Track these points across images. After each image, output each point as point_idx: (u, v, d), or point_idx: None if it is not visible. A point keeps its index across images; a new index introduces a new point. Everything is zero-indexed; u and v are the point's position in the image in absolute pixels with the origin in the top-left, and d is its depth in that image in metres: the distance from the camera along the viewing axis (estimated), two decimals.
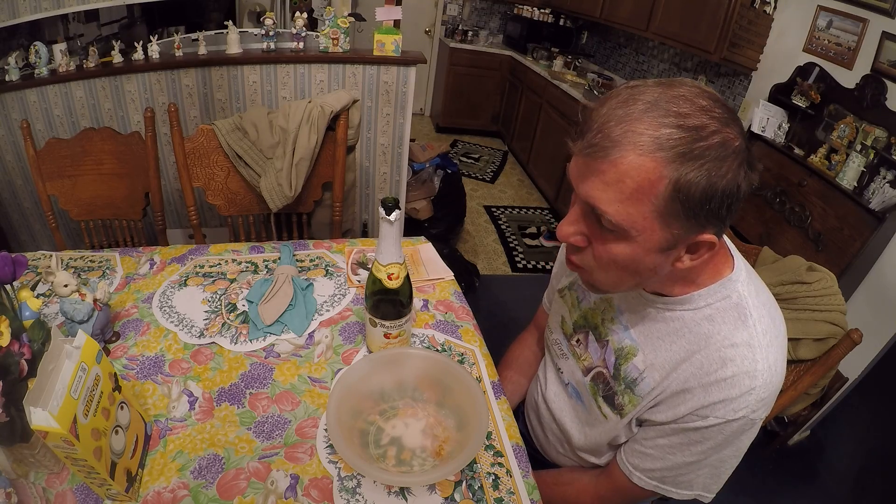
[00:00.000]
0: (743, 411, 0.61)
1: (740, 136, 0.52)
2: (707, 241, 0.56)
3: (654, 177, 0.51)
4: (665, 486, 0.71)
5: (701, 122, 0.50)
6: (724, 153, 0.50)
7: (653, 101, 0.51)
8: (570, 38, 4.18)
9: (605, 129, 0.52)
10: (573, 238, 0.61)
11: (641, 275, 0.61)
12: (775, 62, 2.23)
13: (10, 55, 1.88)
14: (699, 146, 0.50)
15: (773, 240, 1.98)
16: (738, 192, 0.52)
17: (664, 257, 0.58)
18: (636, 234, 0.55)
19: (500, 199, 3.64)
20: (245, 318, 0.98)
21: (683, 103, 0.51)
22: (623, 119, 0.51)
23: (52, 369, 0.58)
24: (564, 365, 0.87)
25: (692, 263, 0.59)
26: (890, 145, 1.69)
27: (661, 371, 0.68)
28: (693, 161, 0.50)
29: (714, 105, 0.52)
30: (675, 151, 0.50)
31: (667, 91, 0.52)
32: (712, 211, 0.52)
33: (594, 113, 0.54)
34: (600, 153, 0.52)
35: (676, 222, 0.53)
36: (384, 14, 2.08)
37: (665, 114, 0.50)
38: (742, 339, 0.62)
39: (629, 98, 0.53)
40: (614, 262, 0.59)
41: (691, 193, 0.51)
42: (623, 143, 0.51)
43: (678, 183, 0.50)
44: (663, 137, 0.50)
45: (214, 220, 2.43)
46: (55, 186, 1.42)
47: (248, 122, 1.49)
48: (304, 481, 0.70)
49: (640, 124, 0.51)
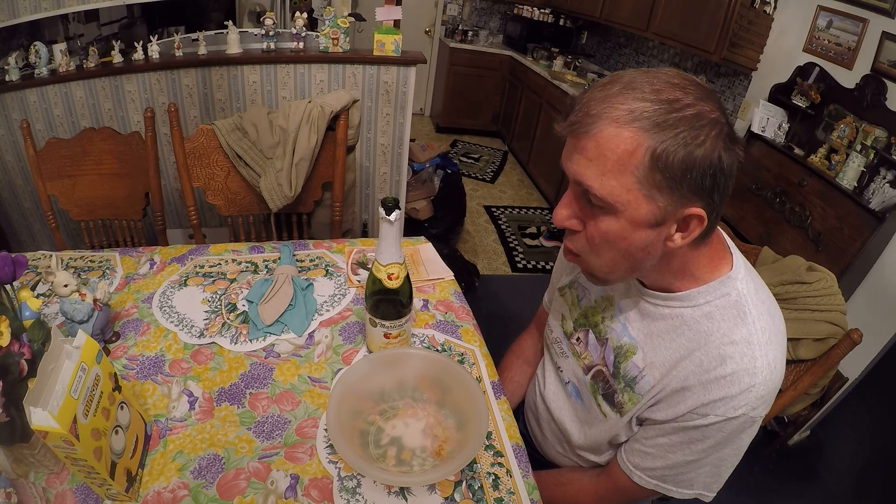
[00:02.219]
0: (743, 409, 0.61)
1: (718, 111, 0.55)
2: (695, 214, 0.56)
3: (632, 146, 0.54)
4: (665, 486, 0.71)
5: (675, 97, 0.53)
6: (699, 122, 0.53)
7: (629, 81, 0.56)
8: (570, 38, 4.18)
9: (585, 107, 0.56)
10: (568, 221, 0.63)
11: (634, 256, 0.61)
12: (775, 62, 2.23)
13: (10, 55, 1.88)
14: (673, 116, 0.53)
15: (773, 240, 1.98)
16: (719, 164, 0.54)
17: (654, 234, 0.58)
18: (622, 207, 0.57)
19: (500, 199, 3.64)
20: (245, 318, 0.98)
21: (658, 82, 0.55)
22: (602, 99, 0.56)
23: (52, 369, 0.58)
24: (564, 364, 0.87)
25: (684, 242, 0.59)
26: (890, 145, 1.69)
27: (661, 369, 0.68)
28: (668, 129, 0.52)
29: (689, 84, 0.55)
30: (650, 121, 0.53)
31: (644, 74, 0.56)
32: (695, 181, 0.54)
33: (578, 98, 0.59)
34: (581, 129, 0.56)
35: (660, 194, 0.55)
36: (384, 14, 2.08)
37: (641, 90, 0.54)
38: (741, 336, 0.62)
39: (609, 81, 0.57)
40: (605, 241, 0.61)
41: (670, 162, 0.53)
42: (601, 118, 0.55)
43: (655, 151, 0.53)
44: (638, 110, 0.53)
45: (214, 220, 2.43)
46: (55, 186, 1.42)
47: (248, 122, 1.49)
48: (304, 481, 0.70)
49: (617, 100, 0.55)
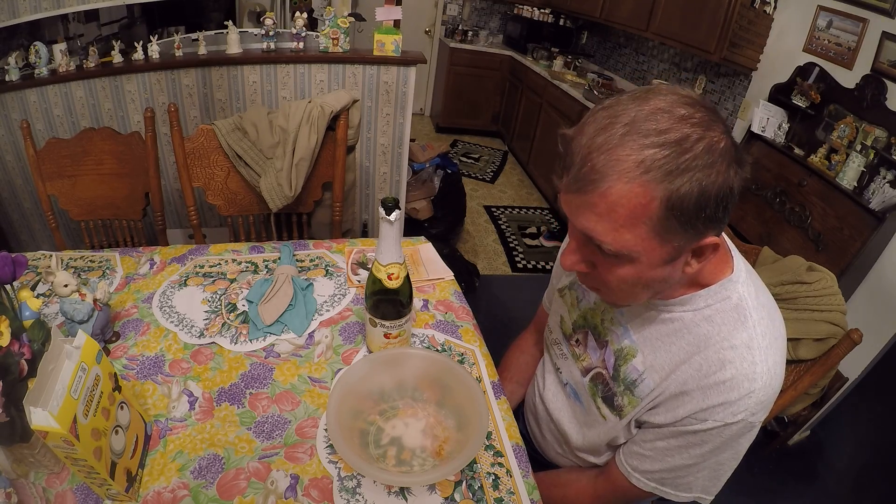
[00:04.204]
0: (742, 414, 0.61)
1: (725, 135, 0.51)
2: (710, 243, 0.56)
3: (645, 200, 0.50)
4: (664, 488, 0.71)
5: (682, 134, 0.49)
6: (711, 159, 0.50)
7: (630, 122, 0.51)
8: (570, 38, 4.18)
9: (588, 160, 0.51)
10: (577, 266, 0.63)
11: (653, 287, 0.62)
12: (775, 62, 2.23)
13: (10, 55, 1.88)
14: (685, 159, 0.49)
15: (773, 240, 1.98)
16: (731, 193, 0.52)
17: (671, 268, 0.58)
18: (637, 255, 0.55)
19: (500, 199, 3.64)
20: (245, 318, 0.98)
21: (661, 117, 0.50)
22: (604, 147, 0.51)
23: (52, 369, 0.58)
24: (563, 365, 0.87)
25: (700, 266, 0.59)
26: (890, 145, 1.69)
27: (661, 372, 0.68)
28: (681, 175, 0.49)
29: (694, 111, 0.51)
30: (662, 171, 0.49)
31: (643, 106, 0.51)
32: (709, 216, 0.52)
33: (574, 143, 0.54)
34: (589, 186, 0.52)
35: (675, 236, 0.54)
36: (384, 14, 2.08)
37: (645, 134, 0.50)
38: (741, 340, 0.62)
39: (607, 123, 0.52)
40: (623, 283, 0.60)
41: (685, 206, 0.50)
42: (608, 174, 0.50)
43: (670, 200, 0.50)
44: (648, 160, 0.49)
45: (214, 220, 2.43)
46: (55, 186, 1.42)
47: (248, 122, 1.49)
48: (304, 481, 0.70)
49: (622, 150, 0.50)
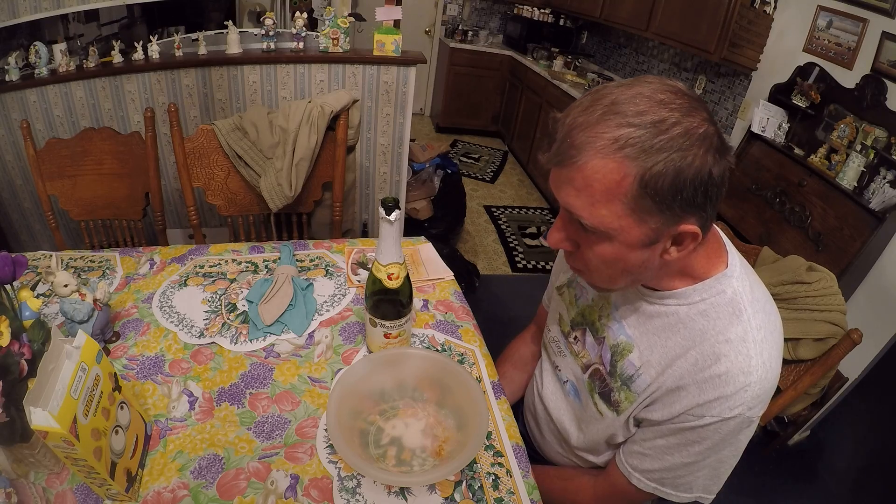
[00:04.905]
0: (739, 409, 0.61)
1: (706, 122, 0.53)
2: (690, 231, 0.56)
3: (619, 176, 0.52)
4: (664, 489, 0.71)
5: (660, 117, 0.51)
6: (687, 142, 0.51)
7: (611, 103, 0.53)
8: (570, 38, 4.18)
9: (569, 137, 0.54)
10: (562, 244, 0.65)
11: (632, 272, 0.62)
12: (775, 62, 2.23)
13: (10, 55, 1.88)
14: (660, 140, 0.51)
15: (773, 240, 1.98)
16: (710, 178, 0.53)
17: (650, 252, 0.59)
18: (615, 233, 0.57)
19: (500, 199, 3.64)
20: (245, 318, 0.98)
21: (641, 101, 0.53)
22: (585, 126, 0.54)
23: (52, 369, 0.58)
24: (562, 362, 0.87)
25: (680, 255, 0.60)
26: (890, 145, 1.69)
27: (657, 367, 0.68)
28: (655, 154, 0.51)
29: (674, 97, 0.53)
30: (636, 149, 0.51)
31: (626, 91, 0.54)
32: (686, 200, 0.53)
33: (560, 123, 0.57)
34: (567, 161, 0.55)
35: (650, 216, 0.55)
36: (384, 14, 2.08)
37: (623, 115, 0.52)
38: (736, 334, 0.62)
39: (590, 104, 0.55)
40: (603, 262, 0.61)
41: (659, 186, 0.52)
42: (585, 149, 0.53)
43: (643, 178, 0.52)
44: (623, 137, 0.51)
45: (214, 220, 2.43)
46: (55, 186, 1.42)
47: (248, 122, 1.49)
48: (304, 481, 0.70)
49: (600, 127, 0.53)
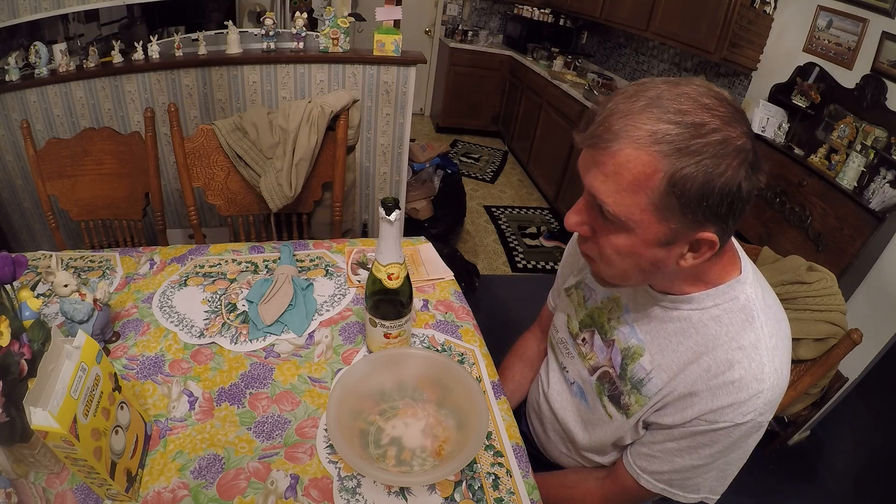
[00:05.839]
0: (751, 415, 0.61)
1: (745, 136, 0.52)
2: (707, 239, 0.56)
3: (650, 170, 0.52)
4: (672, 490, 0.71)
5: (701, 120, 0.51)
6: (723, 151, 0.51)
7: (655, 97, 0.53)
8: (570, 38, 4.18)
9: (607, 122, 0.54)
10: (579, 227, 0.63)
11: (644, 269, 0.61)
12: (775, 62, 2.23)
13: (10, 55, 1.88)
14: (696, 143, 0.50)
15: (773, 240, 1.98)
16: (738, 192, 0.52)
17: (665, 252, 0.58)
18: (634, 225, 0.56)
19: (500, 199, 3.64)
20: (245, 318, 0.98)
21: (685, 101, 0.52)
22: (625, 113, 0.53)
23: (52, 369, 0.58)
24: (570, 364, 0.86)
25: (695, 262, 0.59)
26: (890, 145, 1.69)
27: (669, 372, 0.68)
28: (689, 156, 0.50)
29: (719, 104, 0.52)
30: (671, 146, 0.51)
31: (671, 89, 0.53)
32: (710, 208, 0.53)
33: (601, 105, 0.56)
34: (601, 144, 0.54)
35: (673, 217, 0.54)
36: (384, 14, 2.08)
37: (665, 110, 0.52)
38: (749, 341, 0.62)
39: (634, 94, 0.54)
40: (616, 253, 0.61)
41: (687, 188, 0.51)
42: (622, 136, 0.53)
43: (673, 177, 0.51)
44: (661, 132, 0.51)
45: (214, 220, 2.43)
46: (55, 186, 1.42)
47: (248, 122, 1.49)
48: (304, 481, 0.70)
49: (640, 118, 0.52)
